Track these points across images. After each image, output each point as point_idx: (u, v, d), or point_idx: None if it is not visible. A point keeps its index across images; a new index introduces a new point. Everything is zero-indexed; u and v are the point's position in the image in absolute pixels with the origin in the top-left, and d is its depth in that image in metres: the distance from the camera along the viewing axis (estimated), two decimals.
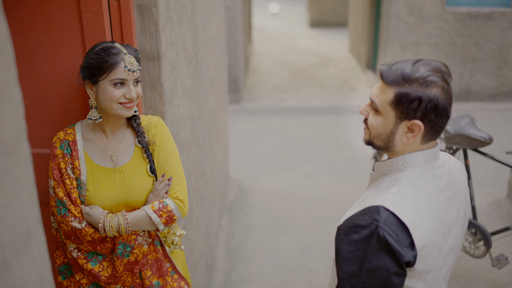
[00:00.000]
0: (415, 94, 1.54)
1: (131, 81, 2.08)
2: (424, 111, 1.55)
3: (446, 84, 1.57)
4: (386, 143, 1.66)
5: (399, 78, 1.57)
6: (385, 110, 1.62)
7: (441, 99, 1.54)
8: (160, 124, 2.27)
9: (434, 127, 1.60)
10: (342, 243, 1.62)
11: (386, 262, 1.53)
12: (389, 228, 1.53)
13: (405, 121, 1.59)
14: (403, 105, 1.57)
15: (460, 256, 4.35)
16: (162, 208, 2.14)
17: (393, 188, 1.62)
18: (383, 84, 1.62)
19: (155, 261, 2.27)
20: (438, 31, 8.25)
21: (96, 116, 2.13)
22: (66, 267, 2.25)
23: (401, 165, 1.66)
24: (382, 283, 1.55)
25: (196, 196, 3.34)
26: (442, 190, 1.66)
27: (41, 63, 2.30)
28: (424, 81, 1.54)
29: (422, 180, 1.64)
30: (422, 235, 1.56)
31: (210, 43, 3.97)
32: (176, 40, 2.68)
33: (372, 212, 1.57)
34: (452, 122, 3.86)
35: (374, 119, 1.66)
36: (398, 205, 1.57)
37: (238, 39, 8.45)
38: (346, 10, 15.48)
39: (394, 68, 1.59)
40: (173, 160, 2.23)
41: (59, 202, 2.11)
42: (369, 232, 1.55)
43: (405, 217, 1.55)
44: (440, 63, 1.60)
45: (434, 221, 1.60)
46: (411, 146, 1.65)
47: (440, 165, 1.69)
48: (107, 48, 2.05)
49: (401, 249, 1.52)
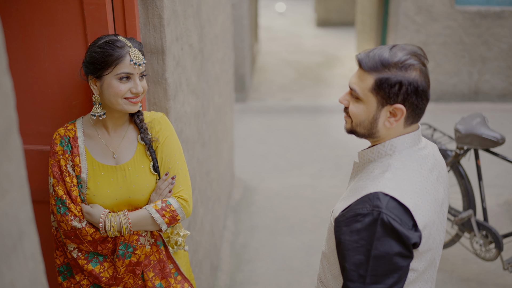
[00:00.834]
0: (395, 79, 1.57)
1: (137, 75, 2.01)
2: (405, 95, 1.58)
3: (424, 67, 1.60)
4: (369, 130, 1.68)
5: (378, 64, 1.59)
6: (366, 97, 1.63)
7: (420, 81, 1.58)
8: (164, 121, 2.19)
9: (416, 110, 1.62)
10: (344, 234, 1.61)
11: (392, 246, 1.54)
12: (392, 212, 1.54)
13: (387, 106, 1.62)
14: (384, 90, 1.59)
15: (470, 259, 4.28)
16: (165, 208, 2.07)
17: (387, 173, 1.63)
18: (362, 71, 1.64)
19: (158, 262, 2.20)
20: (447, 30, 8.15)
21: (100, 112, 2.06)
22: (66, 268, 2.18)
23: (389, 150, 1.68)
24: (391, 268, 1.55)
25: (201, 195, 3.27)
26: (431, 170, 1.69)
27: (42, 57, 2.23)
28: (403, 65, 1.57)
29: (412, 162, 1.66)
30: (422, 216, 1.58)
31: (216, 39, 3.90)
32: (181, 34, 2.60)
33: (372, 199, 1.58)
34: (463, 121, 3.78)
35: (355, 107, 1.68)
36: (396, 189, 1.58)
37: (244, 37, 8.38)
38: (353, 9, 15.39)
39: (371, 55, 1.61)
40: (177, 158, 2.15)
41: (58, 201, 2.04)
42: (372, 219, 1.55)
43: (405, 200, 1.56)
44: (416, 46, 1.63)
45: (430, 201, 1.63)
46: (394, 130, 1.67)
47: (424, 146, 1.73)
48: (112, 41, 1.98)
49: (407, 231, 1.54)
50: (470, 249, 3.94)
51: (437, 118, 7.51)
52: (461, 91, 8.49)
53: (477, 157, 3.83)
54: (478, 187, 3.92)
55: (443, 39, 8.21)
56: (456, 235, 4.04)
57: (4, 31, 2.20)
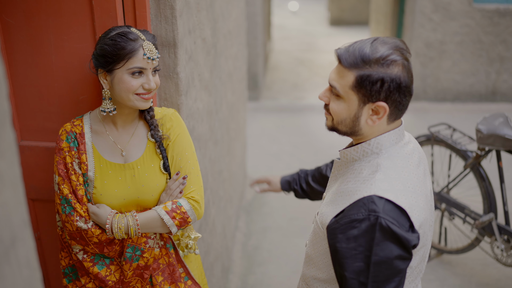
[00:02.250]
0: (376, 76, 1.50)
1: (149, 70, 1.91)
2: (388, 92, 1.52)
3: (406, 62, 1.53)
4: (351, 128, 1.61)
5: (358, 60, 1.51)
6: (347, 95, 1.56)
7: (403, 77, 1.51)
8: (175, 117, 2.08)
9: (399, 106, 1.56)
10: (340, 242, 1.55)
11: (392, 250, 1.49)
12: (389, 215, 1.48)
13: (369, 104, 1.55)
14: (365, 87, 1.52)
15: (489, 264, 4.16)
16: (175, 209, 1.96)
17: (377, 174, 1.56)
18: (342, 67, 1.56)
19: (167, 265, 2.09)
20: (464, 28, 7.99)
21: (111, 108, 1.95)
22: (72, 270, 2.08)
23: (375, 148, 1.61)
24: (392, 272, 1.51)
25: (213, 195, 3.16)
26: (418, 165, 1.64)
27: (48, 49, 2.13)
28: (385, 61, 1.50)
29: (400, 159, 1.60)
30: (418, 215, 1.53)
31: (230, 35, 3.79)
32: (194, 27, 2.49)
33: (367, 203, 1.51)
34: (485, 121, 3.65)
35: (336, 105, 1.61)
36: (390, 190, 1.52)
37: (257, 34, 8.27)
38: (367, 8, 15.26)
39: (351, 49, 1.54)
40: (188, 156, 2.04)
41: (64, 200, 1.94)
42: (369, 225, 1.49)
43: (400, 201, 1.51)
44: (398, 40, 1.56)
45: (422, 199, 1.58)
46: (378, 128, 1.60)
47: (408, 140, 1.67)
48: (124, 33, 1.87)
49: (406, 234, 1.49)
50: (491, 254, 3.81)
51: (453, 119, 7.36)
52: (478, 91, 8.33)
53: (499, 159, 3.70)
54: (499, 190, 3.79)
55: (460, 37, 8.05)
56: (475, 239, 3.91)
57: (8, 21, 2.10)
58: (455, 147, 3.91)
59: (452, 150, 3.98)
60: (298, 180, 2.50)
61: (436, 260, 4.28)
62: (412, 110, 8.24)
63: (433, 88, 8.38)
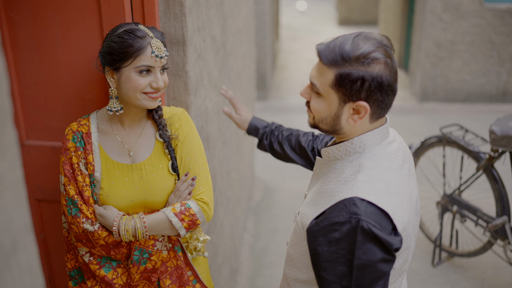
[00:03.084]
0: (357, 74, 1.44)
1: (158, 68, 1.85)
2: (368, 91, 1.46)
3: (389, 59, 1.47)
4: (332, 126, 1.56)
5: (338, 58, 1.45)
6: (327, 93, 1.51)
7: (385, 76, 1.45)
8: (184, 117, 2.03)
9: (381, 105, 1.50)
10: (321, 245, 1.50)
11: (375, 253, 1.44)
12: (371, 218, 1.43)
13: (349, 103, 1.49)
14: (345, 86, 1.46)
15: (501, 267, 4.10)
16: (184, 211, 1.90)
17: (360, 175, 1.51)
18: (322, 64, 1.50)
19: (175, 269, 2.04)
20: (475, 28, 7.90)
21: (118, 107, 1.90)
22: (78, 272, 2.03)
23: (358, 147, 1.56)
24: (376, 275, 1.46)
25: (221, 196, 3.11)
26: (402, 165, 1.58)
27: (54, 47, 2.08)
28: (366, 59, 1.43)
29: (384, 159, 1.55)
30: (401, 218, 1.48)
31: (239, 33, 3.74)
32: (204, 25, 2.44)
33: (348, 205, 1.46)
34: (499, 122, 3.58)
35: (316, 103, 1.55)
36: (372, 192, 1.47)
37: (266, 34, 8.23)
38: (375, 8, 15.18)
39: (332, 46, 1.47)
40: (197, 157, 1.99)
41: (70, 201, 1.89)
42: (351, 228, 1.44)
43: (383, 203, 1.46)
44: (382, 35, 1.50)
45: (406, 200, 1.52)
46: (360, 127, 1.55)
47: (393, 139, 1.61)
48: (132, 30, 1.82)
49: (388, 237, 1.44)
50: (504, 258, 3.74)
51: (463, 120, 7.28)
52: (488, 92, 8.24)
53: None
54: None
55: (471, 37, 7.97)
56: (488, 242, 3.84)
57: (14, 18, 2.05)
58: (468, 149, 3.84)
59: (465, 151, 3.91)
60: (269, 135, 2.36)
61: (447, 263, 4.21)
62: (422, 111, 8.16)
63: (443, 88, 8.30)
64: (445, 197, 4.13)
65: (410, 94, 8.96)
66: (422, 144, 4.31)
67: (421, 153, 4.35)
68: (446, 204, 4.12)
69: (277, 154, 2.35)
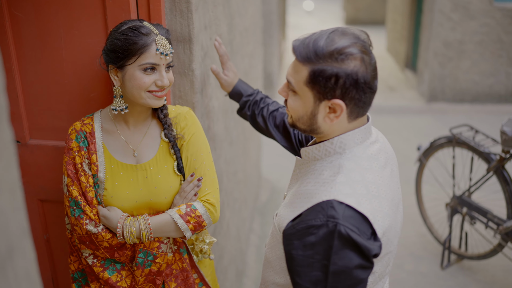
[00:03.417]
0: (330, 71, 1.38)
1: (163, 66, 1.81)
2: (343, 88, 1.39)
3: (366, 55, 1.40)
4: (309, 126, 1.50)
5: (312, 54, 1.39)
6: (302, 91, 1.45)
7: (361, 72, 1.39)
8: (190, 116, 1.98)
9: (358, 104, 1.44)
10: (296, 249, 1.43)
11: (352, 259, 1.38)
12: (349, 222, 1.37)
13: (324, 101, 1.43)
14: (319, 84, 1.40)
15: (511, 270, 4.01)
16: (190, 213, 1.86)
17: (339, 176, 1.44)
18: (297, 61, 1.44)
19: (181, 271, 2.00)
20: (484, 28, 7.82)
21: (123, 106, 1.86)
22: (81, 274, 1.99)
23: (338, 147, 1.49)
24: (352, 282, 1.40)
25: (228, 197, 3.06)
26: (384, 166, 1.52)
27: (58, 44, 2.04)
28: (340, 55, 1.37)
29: (365, 161, 1.48)
30: (381, 222, 1.42)
31: (246, 32, 3.69)
32: (210, 23, 2.40)
33: (325, 208, 1.39)
34: (510, 123, 3.52)
35: (292, 101, 1.50)
36: (351, 195, 1.41)
37: (272, 33, 8.18)
38: (383, 7, 15.11)
39: (307, 42, 1.42)
40: (204, 157, 1.94)
41: (73, 202, 1.85)
42: (327, 232, 1.37)
43: (362, 207, 1.39)
44: (360, 30, 1.45)
45: (387, 203, 1.46)
46: (338, 126, 1.48)
47: (375, 139, 1.55)
48: (136, 27, 1.77)
49: (367, 242, 1.38)
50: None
51: (472, 120, 7.21)
52: (497, 92, 8.16)
53: None
54: None
55: (480, 37, 7.89)
56: (498, 245, 3.77)
57: (17, 15, 2.01)
58: (478, 150, 3.78)
59: (475, 152, 3.85)
60: (252, 105, 2.25)
61: (456, 266, 4.15)
62: (430, 111, 8.09)
63: (451, 88, 8.23)
64: (454, 198, 4.07)
65: (418, 94, 8.89)
66: (431, 144, 4.25)
67: (430, 154, 4.29)
68: (455, 205, 4.06)
69: (258, 127, 2.25)
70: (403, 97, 8.96)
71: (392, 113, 8.07)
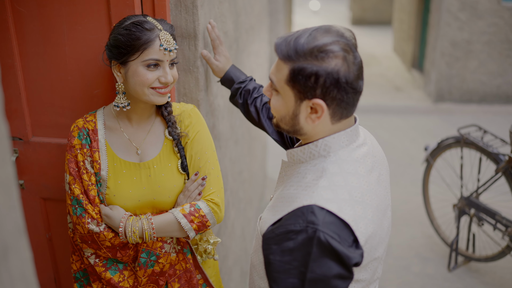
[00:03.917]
0: (310, 69, 1.32)
1: (166, 62, 1.77)
2: (324, 88, 1.34)
3: (349, 54, 1.34)
4: (292, 126, 1.45)
5: (292, 52, 1.34)
6: (283, 90, 1.40)
7: (343, 71, 1.33)
8: (194, 114, 1.95)
9: (341, 104, 1.37)
10: (274, 254, 1.37)
11: (331, 268, 1.32)
12: (329, 229, 1.31)
13: (305, 101, 1.37)
14: (299, 82, 1.35)
15: None
16: (193, 212, 1.82)
17: (321, 180, 1.39)
18: (279, 59, 1.39)
19: (184, 272, 1.96)
20: (492, 27, 7.76)
21: (125, 103, 1.82)
22: (83, 274, 1.96)
23: (322, 150, 1.44)
24: None
25: (233, 197, 3.03)
26: (371, 171, 1.46)
27: (61, 40, 2.01)
28: (320, 53, 1.32)
29: (350, 164, 1.42)
30: (364, 229, 1.36)
31: (252, 30, 3.65)
32: (216, 19, 2.36)
33: (305, 213, 1.33)
34: None
35: (275, 101, 1.45)
36: (333, 200, 1.35)
37: (279, 32, 8.15)
38: (389, 7, 15.05)
39: (289, 39, 1.37)
40: (208, 156, 1.91)
41: (75, 201, 1.81)
42: (306, 238, 1.31)
43: (343, 213, 1.34)
44: (346, 28, 1.39)
45: (372, 209, 1.41)
46: (322, 128, 1.42)
47: (362, 142, 1.49)
48: (139, 22, 1.74)
49: (347, 251, 1.32)
50: None
51: (479, 121, 7.15)
52: (505, 92, 8.09)
53: None
54: None
55: (488, 37, 7.83)
56: (507, 247, 3.72)
57: (20, 11, 1.98)
58: (487, 150, 3.73)
59: (483, 153, 3.80)
60: (244, 93, 2.19)
61: (463, 268, 4.10)
62: (437, 112, 8.03)
63: (458, 89, 8.17)
64: (462, 199, 4.02)
65: (424, 95, 8.84)
66: (438, 145, 4.20)
67: (438, 154, 4.24)
68: (463, 207, 4.01)
69: (250, 117, 2.19)
70: (410, 97, 8.90)
71: (398, 113, 8.02)
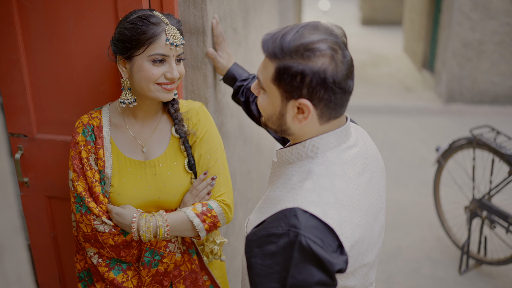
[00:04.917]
0: (295, 68, 1.28)
1: (173, 57, 1.73)
2: (310, 88, 1.29)
3: (338, 52, 1.29)
4: (279, 126, 1.40)
5: (278, 49, 1.29)
6: (269, 89, 1.36)
7: (330, 71, 1.27)
8: (202, 112, 1.90)
9: (329, 105, 1.32)
10: (256, 257, 1.32)
11: (312, 274, 1.27)
12: (312, 233, 1.26)
13: (292, 101, 1.33)
14: (284, 81, 1.31)
15: None
16: (206, 212, 1.77)
17: (307, 182, 1.34)
18: (265, 57, 1.35)
19: (190, 273, 1.92)
20: (504, 28, 7.66)
21: (131, 99, 1.78)
22: (87, 274, 1.92)
23: (310, 151, 1.39)
24: None
25: (241, 197, 2.98)
26: (361, 173, 1.41)
27: (67, 35, 1.97)
28: (306, 51, 1.27)
29: (338, 166, 1.37)
30: (350, 234, 1.31)
31: (262, 27, 3.60)
32: (225, 16, 2.31)
33: (288, 216, 1.29)
34: None
35: (262, 99, 1.41)
36: (317, 203, 1.30)
37: None
38: (400, 7, 14.96)
39: (275, 36, 1.32)
40: (218, 155, 1.86)
41: (78, 198, 1.78)
42: (288, 242, 1.27)
43: (328, 216, 1.29)
44: (335, 25, 1.34)
45: (360, 214, 1.36)
46: (310, 128, 1.37)
47: (353, 143, 1.43)
48: (145, 16, 1.70)
49: (330, 257, 1.27)
50: None
51: (491, 122, 7.06)
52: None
53: None
54: None
55: (500, 37, 7.73)
56: None
57: (26, 5, 1.95)
58: (500, 151, 3.66)
59: (496, 154, 3.73)
60: (246, 91, 2.14)
61: (474, 271, 4.03)
62: (448, 113, 7.95)
63: (470, 90, 8.08)
64: (474, 201, 3.95)
65: (435, 95, 8.75)
66: (450, 146, 4.14)
67: (449, 156, 4.18)
68: (475, 209, 3.95)
69: (251, 115, 2.15)
70: (420, 98, 8.82)
71: (409, 114, 7.94)
